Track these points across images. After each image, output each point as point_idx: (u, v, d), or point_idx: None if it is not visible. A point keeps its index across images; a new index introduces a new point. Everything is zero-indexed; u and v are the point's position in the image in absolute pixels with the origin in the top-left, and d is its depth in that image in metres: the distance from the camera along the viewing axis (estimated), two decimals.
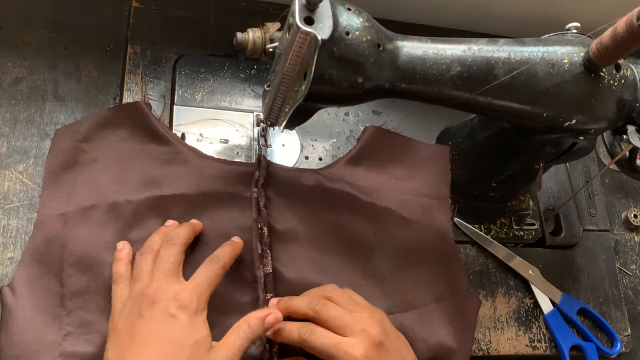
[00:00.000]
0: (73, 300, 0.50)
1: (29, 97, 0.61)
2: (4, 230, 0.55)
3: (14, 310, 0.50)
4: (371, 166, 0.64)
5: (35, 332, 0.49)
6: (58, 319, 0.50)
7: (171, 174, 0.58)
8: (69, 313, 0.50)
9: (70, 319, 0.50)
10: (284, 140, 0.66)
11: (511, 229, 0.70)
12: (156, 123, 0.60)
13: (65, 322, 0.50)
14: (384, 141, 0.66)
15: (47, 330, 0.49)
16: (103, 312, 0.50)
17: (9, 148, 0.59)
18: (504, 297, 0.67)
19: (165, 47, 0.67)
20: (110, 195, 0.55)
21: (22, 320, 0.49)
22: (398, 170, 0.65)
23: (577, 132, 0.54)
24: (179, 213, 0.56)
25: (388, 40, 0.48)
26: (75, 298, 0.51)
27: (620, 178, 0.81)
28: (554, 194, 0.74)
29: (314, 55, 0.43)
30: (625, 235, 0.78)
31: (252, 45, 0.57)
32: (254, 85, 0.68)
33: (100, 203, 0.55)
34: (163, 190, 0.56)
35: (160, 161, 0.58)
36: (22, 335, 0.49)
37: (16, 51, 0.63)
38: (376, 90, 0.49)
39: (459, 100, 0.51)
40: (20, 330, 0.49)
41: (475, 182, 0.68)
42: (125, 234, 0.54)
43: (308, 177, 0.61)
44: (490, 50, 0.50)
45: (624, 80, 0.52)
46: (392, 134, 0.67)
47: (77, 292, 0.51)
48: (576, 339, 0.67)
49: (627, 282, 0.75)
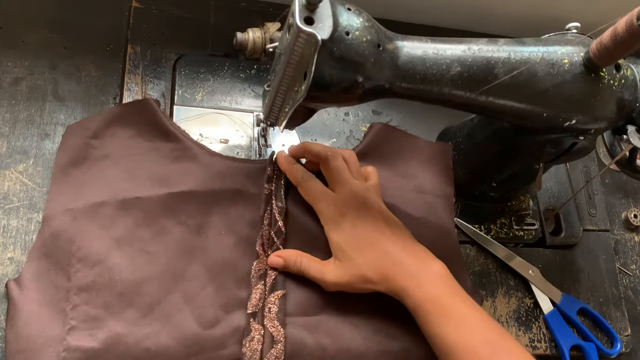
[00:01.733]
0: (79, 295, 0.50)
1: (29, 97, 0.61)
2: (4, 230, 0.55)
3: (20, 304, 0.50)
4: (376, 162, 0.64)
5: (41, 326, 0.49)
6: (63, 313, 0.50)
7: (181, 171, 0.58)
8: (74, 307, 0.50)
9: (75, 314, 0.50)
10: (284, 140, 0.66)
11: (511, 229, 0.70)
12: (165, 120, 0.60)
13: (70, 317, 0.50)
14: (390, 138, 0.67)
15: (52, 324, 0.49)
16: (108, 307, 0.50)
17: (9, 148, 0.59)
18: (504, 297, 0.67)
19: (165, 47, 0.67)
20: (120, 191, 0.55)
21: (28, 314, 0.49)
22: (403, 168, 0.65)
23: (577, 132, 0.54)
24: (188, 210, 0.56)
25: (388, 40, 0.48)
26: (81, 293, 0.51)
27: (620, 178, 0.81)
28: (554, 194, 0.74)
29: (314, 55, 0.43)
30: (625, 235, 0.78)
31: (252, 45, 0.57)
32: (254, 85, 0.68)
33: (110, 199, 0.55)
34: (172, 188, 0.56)
35: (170, 158, 0.59)
36: (28, 329, 0.49)
37: (16, 51, 0.63)
38: (376, 90, 0.49)
39: (459, 100, 0.51)
40: (26, 324, 0.49)
41: (475, 182, 0.68)
42: (135, 230, 0.54)
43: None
44: (490, 50, 0.50)
45: (624, 80, 0.52)
46: (397, 131, 0.68)
47: (84, 287, 0.51)
48: (576, 339, 0.67)
49: (627, 282, 0.75)
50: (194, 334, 0.51)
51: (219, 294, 0.53)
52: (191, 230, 0.55)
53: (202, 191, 0.57)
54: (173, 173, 0.58)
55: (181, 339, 0.50)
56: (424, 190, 0.64)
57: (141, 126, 0.60)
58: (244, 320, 0.52)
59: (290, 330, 0.53)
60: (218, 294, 0.53)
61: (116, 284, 0.51)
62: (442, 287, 0.52)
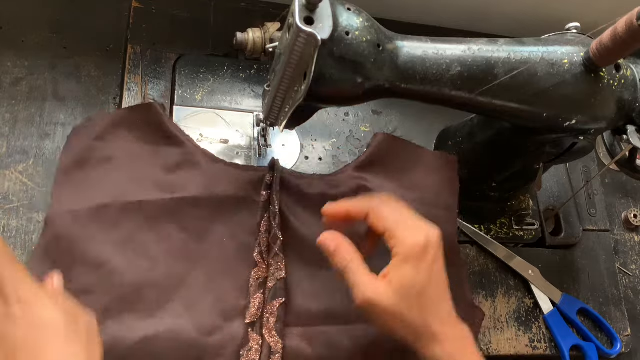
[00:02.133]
0: (79, 298, 0.50)
1: (29, 97, 0.61)
2: (4, 230, 0.55)
3: None
4: (379, 173, 0.64)
5: None
6: None
7: (184, 177, 0.58)
8: None
9: None
10: (284, 140, 0.66)
11: (511, 229, 0.70)
12: (170, 125, 0.60)
13: None
14: (393, 149, 0.66)
15: None
16: (108, 311, 0.50)
17: (9, 148, 0.59)
18: (504, 297, 0.67)
19: (165, 47, 0.67)
20: (123, 195, 0.55)
21: None
22: (406, 179, 0.64)
23: (577, 132, 0.54)
24: (190, 216, 0.56)
25: (388, 40, 0.48)
26: (81, 295, 0.50)
27: (620, 178, 0.81)
28: (554, 194, 0.74)
29: (314, 55, 0.43)
30: (625, 235, 0.78)
31: (252, 45, 0.57)
32: (254, 85, 0.68)
33: (112, 202, 0.55)
34: (175, 193, 0.56)
35: (174, 163, 0.58)
36: None
37: (16, 51, 0.63)
38: (376, 90, 0.49)
39: (459, 100, 0.51)
40: None
41: (475, 182, 0.68)
42: (137, 234, 0.54)
43: (317, 185, 0.61)
44: (490, 50, 0.50)
45: (624, 80, 0.52)
46: (401, 142, 0.67)
47: (83, 290, 0.51)
48: (576, 339, 0.67)
49: (627, 282, 0.75)
50: (192, 340, 0.51)
51: (218, 301, 0.53)
52: (193, 236, 0.55)
53: (205, 197, 0.57)
54: (176, 178, 0.57)
55: (179, 345, 0.50)
56: (428, 202, 0.63)
57: (146, 130, 0.59)
58: (242, 329, 0.52)
59: (288, 340, 0.53)
60: (218, 302, 0.53)
61: (117, 288, 0.51)
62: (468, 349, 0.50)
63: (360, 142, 0.69)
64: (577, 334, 0.68)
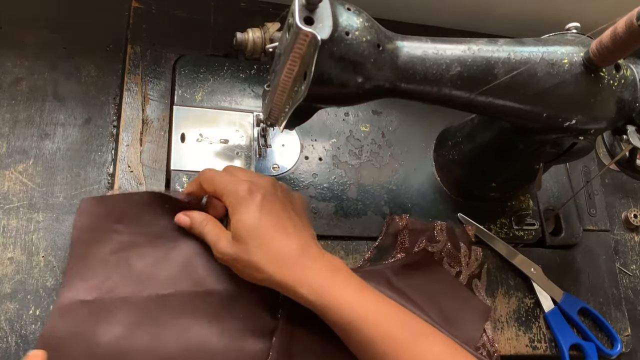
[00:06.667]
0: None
1: (29, 97, 0.61)
2: (4, 230, 0.55)
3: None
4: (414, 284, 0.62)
5: None
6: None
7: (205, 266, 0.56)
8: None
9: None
10: (284, 140, 0.66)
11: (511, 229, 0.70)
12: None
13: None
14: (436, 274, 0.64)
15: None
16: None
17: (9, 148, 0.59)
18: (504, 297, 0.67)
19: (165, 47, 0.67)
20: (145, 288, 0.53)
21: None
22: (435, 310, 0.62)
23: (577, 132, 0.54)
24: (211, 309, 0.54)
25: (388, 40, 0.48)
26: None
27: (620, 178, 0.81)
28: (554, 194, 0.74)
29: (314, 55, 0.43)
30: (625, 235, 0.78)
31: (252, 45, 0.57)
32: (254, 85, 0.68)
33: (133, 296, 0.52)
34: (199, 286, 0.54)
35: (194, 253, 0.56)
36: None
37: (16, 51, 0.63)
38: (376, 90, 0.49)
39: (459, 100, 0.51)
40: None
41: (475, 182, 0.68)
42: (158, 332, 0.52)
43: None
44: (490, 50, 0.50)
45: (624, 80, 0.52)
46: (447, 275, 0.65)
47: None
48: (576, 338, 0.67)
49: (627, 282, 0.76)
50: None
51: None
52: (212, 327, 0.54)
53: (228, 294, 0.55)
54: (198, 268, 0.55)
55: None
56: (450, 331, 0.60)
57: (170, 216, 0.57)
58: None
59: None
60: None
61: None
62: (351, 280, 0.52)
63: (360, 142, 0.69)
64: (577, 333, 0.68)
